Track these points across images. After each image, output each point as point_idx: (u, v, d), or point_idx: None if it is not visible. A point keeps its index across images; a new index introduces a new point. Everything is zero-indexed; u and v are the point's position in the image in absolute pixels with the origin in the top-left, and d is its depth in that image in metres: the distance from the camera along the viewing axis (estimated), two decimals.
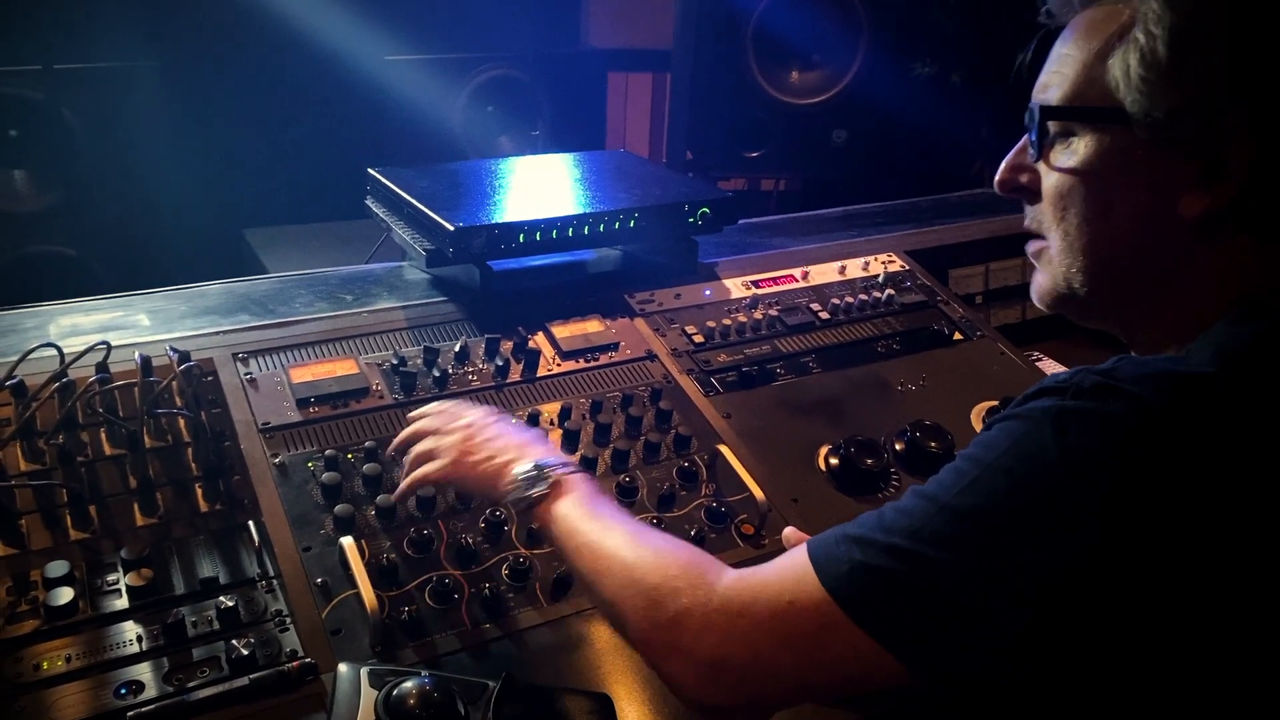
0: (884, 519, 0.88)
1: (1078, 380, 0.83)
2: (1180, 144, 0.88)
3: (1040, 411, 0.83)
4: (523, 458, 1.19)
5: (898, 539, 0.84)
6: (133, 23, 3.19)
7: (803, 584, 0.88)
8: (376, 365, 1.56)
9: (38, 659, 1.12)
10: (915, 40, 3.44)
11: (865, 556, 0.85)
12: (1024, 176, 1.04)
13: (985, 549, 0.81)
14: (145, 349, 1.43)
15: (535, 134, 4.03)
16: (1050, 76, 0.98)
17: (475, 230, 1.63)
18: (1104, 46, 0.92)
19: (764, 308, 1.87)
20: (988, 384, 1.81)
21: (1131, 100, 0.89)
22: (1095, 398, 0.81)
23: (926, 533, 0.83)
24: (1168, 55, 0.86)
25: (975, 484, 0.83)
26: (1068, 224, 0.98)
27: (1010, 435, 0.84)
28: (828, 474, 1.57)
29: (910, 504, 0.87)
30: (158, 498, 1.31)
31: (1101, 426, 0.79)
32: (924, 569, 0.82)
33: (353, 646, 1.19)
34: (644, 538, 1.04)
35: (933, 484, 0.87)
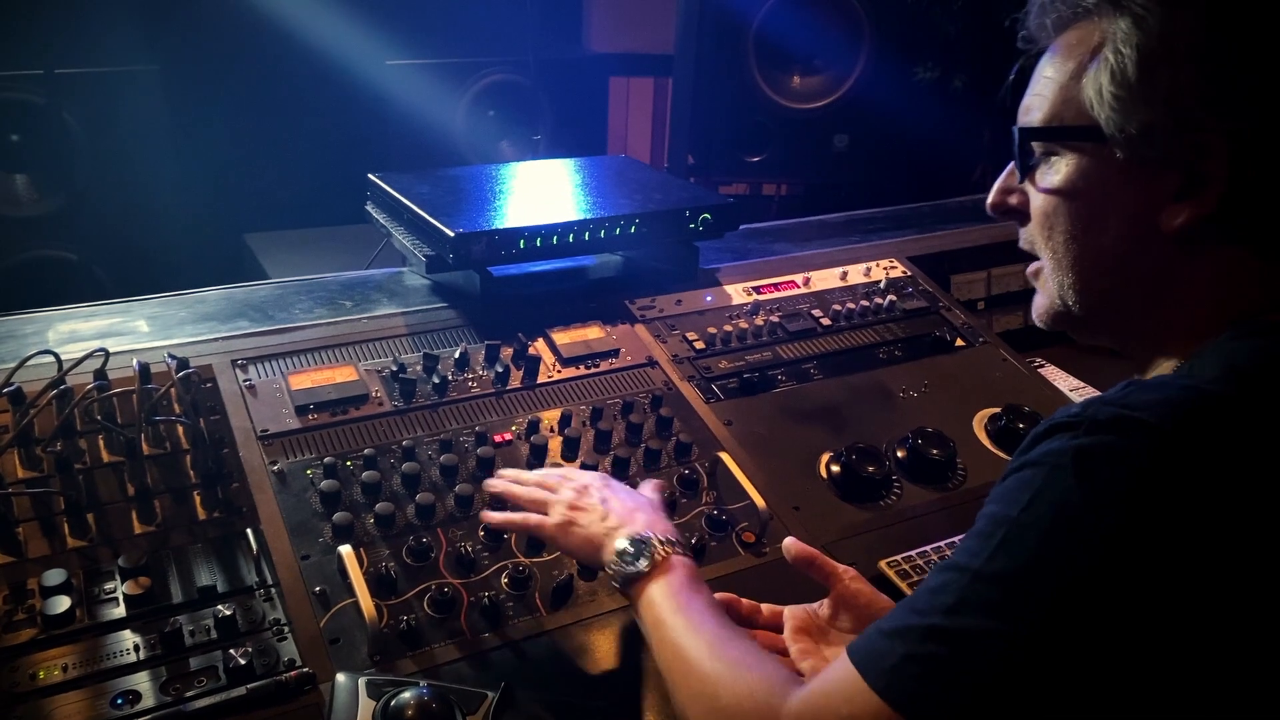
0: (917, 604, 0.84)
1: (1091, 414, 0.80)
2: (1156, 159, 0.89)
3: (1057, 455, 0.80)
4: (626, 528, 1.16)
5: (936, 619, 0.80)
6: (134, 27, 3.20)
7: (854, 693, 0.83)
8: (376, 372, 1.55)
9: (34, 668, 1.12)
10: (917, 45, 3.44)
11: (907, 648, 0.81)
12: (1013, 198, 1.05)
13: (1028, 609, 0.77)
14: (144, 355, 1.42)
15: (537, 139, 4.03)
16: (1031, 99, 0.99)
17: (475, 236, 1.63)
18: (1078, 67, 0.93)
19: (765, 314, 1.87)
20: (990, 391, 1.81)
21: (1106, 118, 0.90)
22: (1113, 432, 0.78)
23: (963, 606, 0.80)
24: (1137, 72, 0.87)
25: (1005, 545, 0.80)
26: (1055, 243, 0.99)
27: (1030, 487, 0.81)
28: (829, 481, 1.57)
29: (941, 580, 0.83)
30: (156, 505, 1.30)
31: (1125, 463, 0.77)
32: (968, 644, 0.78)
33: (351, 656, 1.18)
34: (724, 648, 1.00)
35: (959, 553, 0.84)
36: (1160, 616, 0.75)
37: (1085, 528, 0.77)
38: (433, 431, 1.48)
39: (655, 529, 1.15)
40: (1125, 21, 0.89)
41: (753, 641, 1.04)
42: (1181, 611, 0.75)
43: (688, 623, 1.04)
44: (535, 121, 4.02)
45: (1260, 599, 0.76)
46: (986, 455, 1.67)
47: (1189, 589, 0.75)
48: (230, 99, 3.41)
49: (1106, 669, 0.76)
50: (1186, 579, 0.75)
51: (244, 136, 3.44)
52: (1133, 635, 0.75)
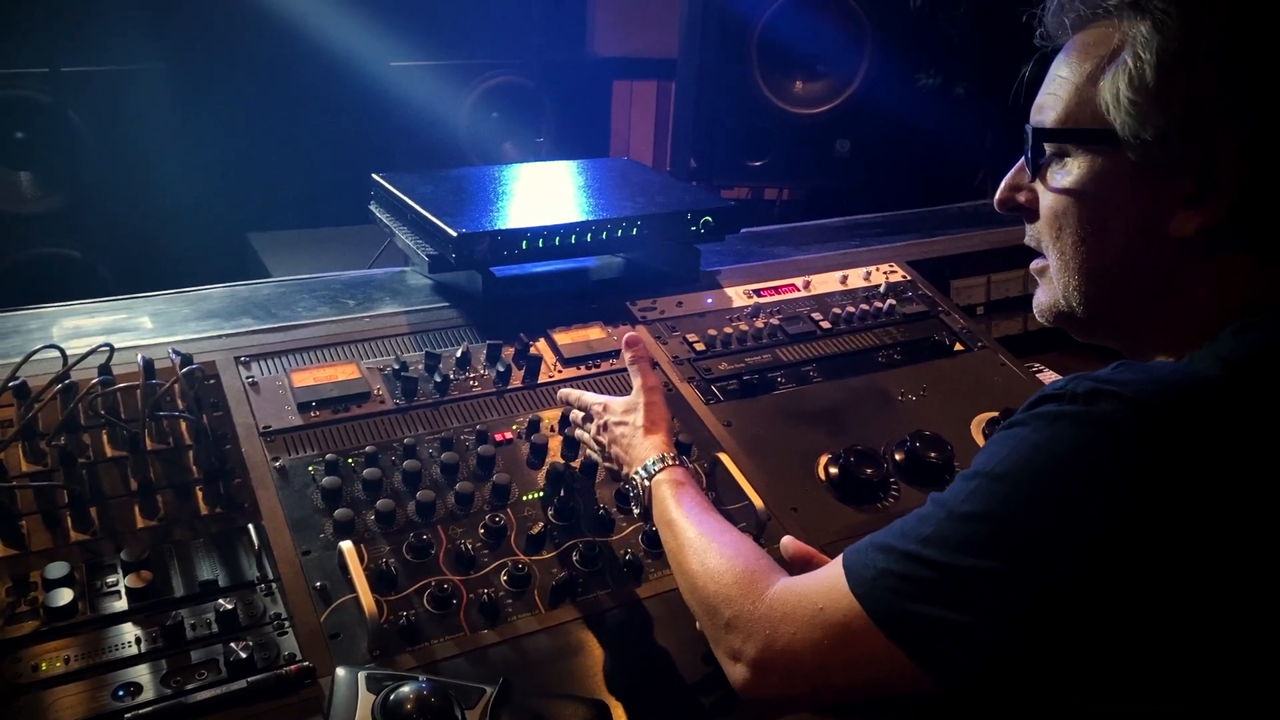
0: (906, 525, 0.92)
1: (1072, 386, 0.85)
2: (1170, 165, 0.89)
3: (1037, 418, 0.86)
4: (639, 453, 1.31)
5: (914, 545, 0.88)
6: (139, 26, 3.20)
7: (835, 590, 0.93)
8: (378, 370, 1.56)
9: (36, 660, 1.13)
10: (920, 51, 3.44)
11: (888, 563, 0.90)
12: (1022, 195, 1.05)
13: (990, 552, 0.83)
14: (148, 351, 1.43)
15: (540, 141, 4.04)
16: (1045, 98, 1.00)
17: (478, 236, 1.64)
18: (1095, 69, 0.93)
19: (765, 316, 1.87)
20: (988, 395, 1.82)
21: (1121, 123, 0.91)
22: (1088, 401, 0.83)
23: (937, 538, 0.87)
24: (1155, 79, 0.88)
25: (978, 490, 0.86)
26: (1063, 244, 1.00)
27: (1009, 441, 0.87)
28: (827, 483, 1.57)
29: (928, 511, 0.91)
30: (158, 500, 1.31)
31: (1094, 427, 0.81)
32: (937, 573, 0.86)
33: (351, 650, 1.19)
34: (711, 542, 1.12)
35: (946, 492, 0.91)
36: (1121, 573, 0.79)
37: (1050, 485, 0.82)
38: (434, 430, 1.49)
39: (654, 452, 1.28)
40: (1146, 25, 0.88)
41: (740, 533, 1.15)
42: (1143, 572, 0.78)
43: (685, 515, 1.18)
44: (538, 124, 4.03)
45: (1221, 569, 0.79)
46: None
47: (1153, 551, 0.78)
48: (235, 98, 3.42)
49: (1053, 616, 0.81)
50: (1150, 541, 0.78)
51: (248, 135, 3.44)
52: (1090, 584, 0.79)
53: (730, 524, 1.17)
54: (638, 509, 1.29)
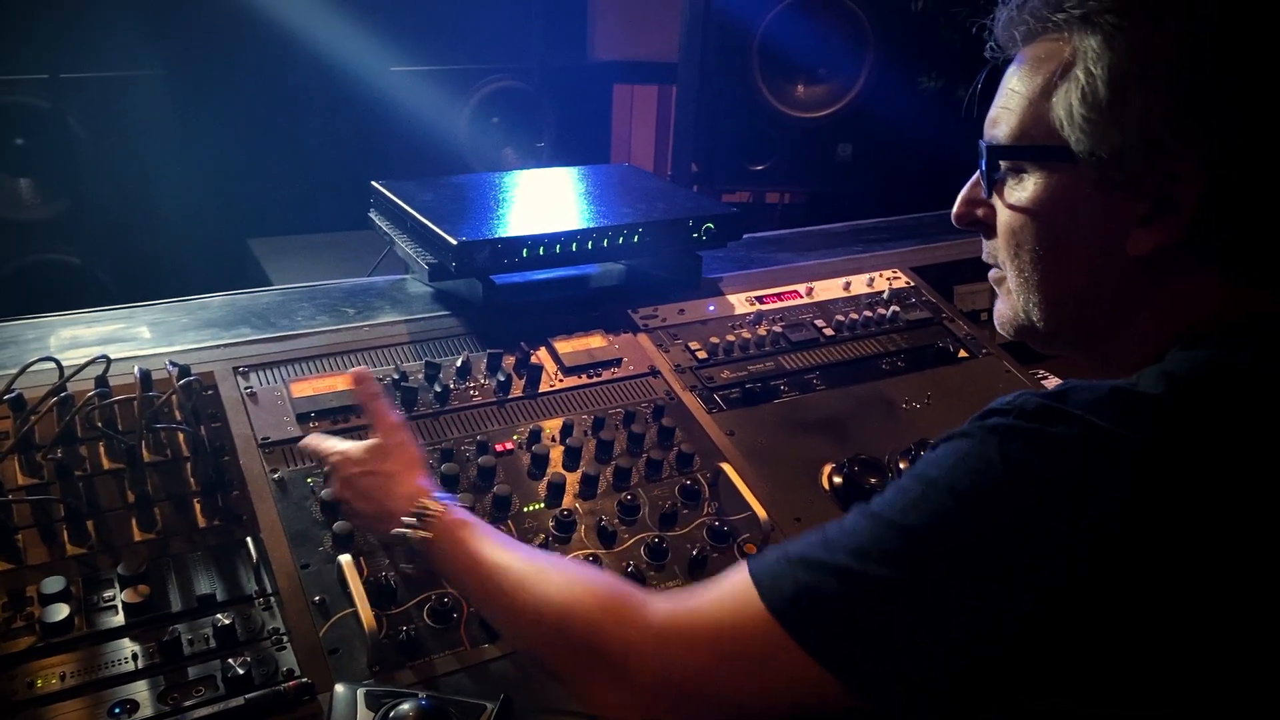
0: (828, 537, 0.87)
1: (1021, 402, 0.82)
2: (1126, 183, 0.88)
3: (986, 430, 0.83)
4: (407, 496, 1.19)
5: (842, 558, 0.83)
6: (138, 32, 3.20)
7: (745, 606, 0.87)
8: (378, 380, 1.55)
9: (32, 676, 1.12)
10: (922, 55, 3.44)
11: (810, 578, 0.84)
12: (980, 210, 1.04)
13: (931, 567, 0.80)
14: (145, 362, 1.42)
15: (540, 146, 4.03)
16: (999, 111, 0.98)
17: (478, 244, 1.62)
18: (1047, 84, 0.92)
19: (768, 324, 1.86)
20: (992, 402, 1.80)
21: (1076, 139, 0.89)
22: (1040, 419, 0.80)
23: (873, 551, 0.82)
24: (1108, 95, 0.86)
25: (922, 501, 0.82)
26: (1021, 260, 0.98)
27: (955, 453, 0.83)
28: (831, 493, 1.56)
29: (856, 522, 0.86)
30: (156, 513, 1.30)
31: (1045, 448, 0.79)
32: (869, 588, 0.81)
33: (350, 666, 1.18)
34: (548, 570, 1.04)
35: (878, 502, 0.86)
36: (1066, 597, 0.76)
37: (999, 502, 0.79)
38: (434, 440, 1.48)
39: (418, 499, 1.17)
40: (1096, 40, 0.87)
41: (573, 559, 1.07)
42: (1086, 596, 0.76)
43: (498, 552, 1.07)
44: (539, 128, 4.03)
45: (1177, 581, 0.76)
46: None
47: (1097, 574, 0.76)
48: (235, 104, 3.42)
49: (992, 636, 0.78)
50: (1093, 565, 0.76)
51: (248, 141, 3.44)
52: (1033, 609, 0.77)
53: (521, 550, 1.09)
54: (412, 567, 1.19)
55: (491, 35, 3.91)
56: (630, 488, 1.48)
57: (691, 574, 1.38)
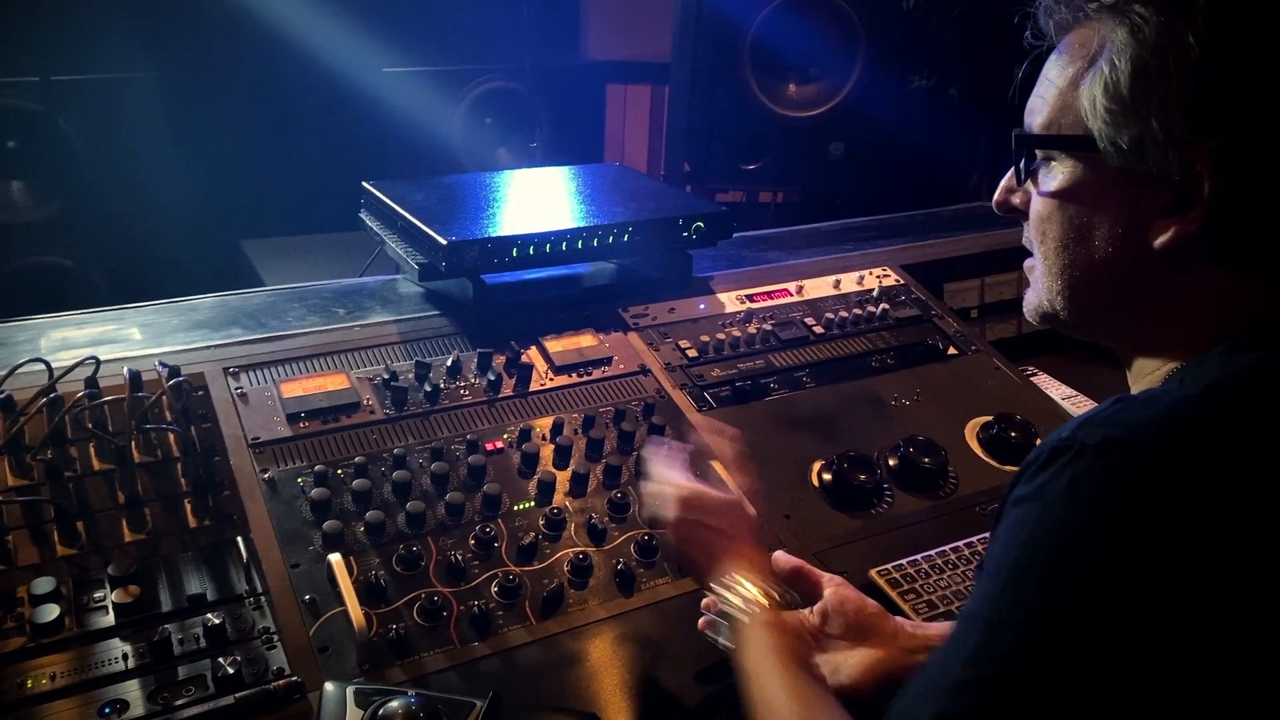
0: (943, 658, 0.83)
1: (1081, 437, 0.80)
2: (1147, 173, 0.88)
3: (1049, 490, 0.80)
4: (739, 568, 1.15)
5: (957, 673, 0.80)
6: (130, 34, 3.20)
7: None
8: (368, 379, 1.55)
9: (23, 676, 1.12)
10: (913, 53, 3.45)
11: (939, 706, 0.80)
12: (1016, 198, 1.05)
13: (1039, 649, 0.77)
14: (135, 363, 1.42)
15: (534, 146, 4.04)
16: (1035, 100, 0.99)
17: (468, 244, 1.63)
18: (1077, 74, 0.93)
19: (758, 322, 1.87)
20: (982, 399, 1.81)
21: (1099, 129, 0.90)
22: (1101, 458, 0.78)
23: (983, 654, 0.79)
24: (1129, 86, 0.87)
25: (1011, 587, 0.79)
26: (1047, 247, 1.00)
27: (1028, 523, 0.81)
28: (820, 490, 1.57)
29: (960, 629, 0.83)
30: (146, 513, 1.30)
31: (1114, 491, 0.77)
32: (994, 689, 0.77)
33: (340, 664, 1.18)
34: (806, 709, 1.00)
35: (974, 600, 0.84)
36: (1164, 640, 0.74)
37: (1082, 563, 0.76)
38: (424, 440, 1.48)
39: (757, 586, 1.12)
40: (1123, 31, 0.88)
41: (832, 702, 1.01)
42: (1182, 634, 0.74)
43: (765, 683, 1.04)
44: (532, 129, 4.03)
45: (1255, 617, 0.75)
46: (978, 464, 1.68)
47: (1188, 611, 0.74)
48: (227, 105, 3.41)
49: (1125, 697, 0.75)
50: (1184, 600, 0.74)
51: (241, 143, 3.44)
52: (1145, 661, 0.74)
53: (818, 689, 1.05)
54: (722, 639, 1.15)
55: (484, 36, 3.91)
56: (620, 485, 1.48)
57: (681, 571, 1.38)
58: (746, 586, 1.12)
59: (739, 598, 1.12)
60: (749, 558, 1.16)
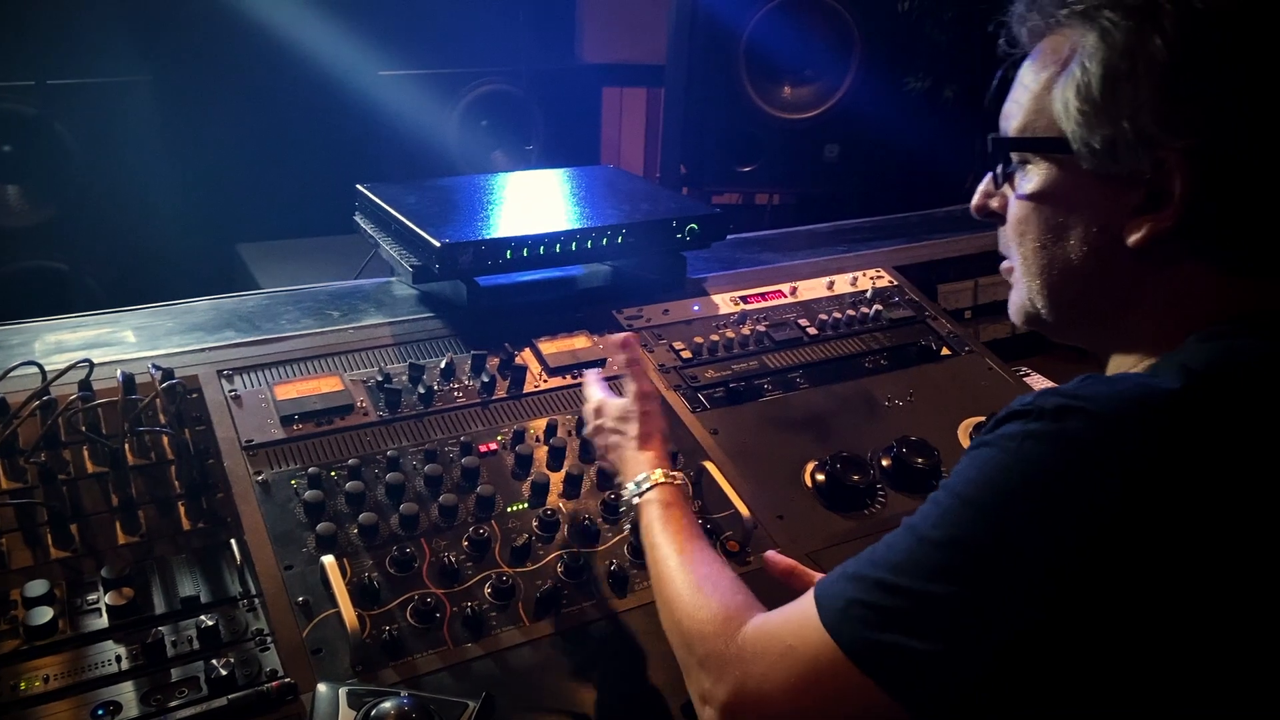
0: (875, 553, 0.89)
1: (1040, 402, 0.84)
2: (1120, 174, 0.90)
3: (1007, 438, 0.84)
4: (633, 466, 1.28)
5: (884, 573, 0.86)
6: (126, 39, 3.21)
7: (807, 625, 0.89)
8: (361, 382, 1.56)
9: (16, 679, 1.12)
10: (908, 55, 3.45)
11: (857, 592, 0.87)
12: (994, 202, 1.07)
13: (962, 578, 0.82)
14: (129, 366, 1.43)
15: (529, 148, 4.04)
16: (1010, 105, 1.01)
17: (462, 246, 1.63)
18: (1050, 78, 0.95)
19: (752, 323, 1.87)
20: (975, 400, 1.81)
21: (1072, 131, 0.92)
22: (1056, 418, 0.82)
23: (908, 565, 0.85)
24: (1101, 88, 0.89)
25: (948, 515, 0.85)
26: (1025, 249, 1.01)
27: (978, 463, 0.86)
28: (814, 490, 1.57)
29: (897, 537, 0.89)
30: (140, 516, 1.30)
31: (1062, 445, 0.81)
32: (907, 601, 0.83)
33: (333, 666, 1.19)
34: (691, 574, 1.09)
35: (916, 515, 0.89)
36: (1091, 593, 0.78)
37: (1024, 509, 0.81)
38: (418, 442, 1.49)
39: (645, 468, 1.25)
40: (1093, 36, 0.90)
41: (723, 564, 1.11)
42: (1112, 590, 0.78)
43: (669, 542, 1.15)
44: (528, 131, 4.04)
45: (1197, 575, 0.78)
46: None
47: (1125, 567, 0.77)
48: (222, 109, 3.42)
49: (1025, 641, 0.80)
50: (1123, 559, 0.77)
51: (236, 146, 3.44)
52: (1061, 606, 0.79)
53: (715, 553, 1.14)
54: (628, 524, 1.26)
55: (480, 39, 3.92)
56: (614, 487, 1.48)
57: None
58: (641, 474, 1.24)
59: (633, 483, 1.24)
60: (645, 449, 1.28)
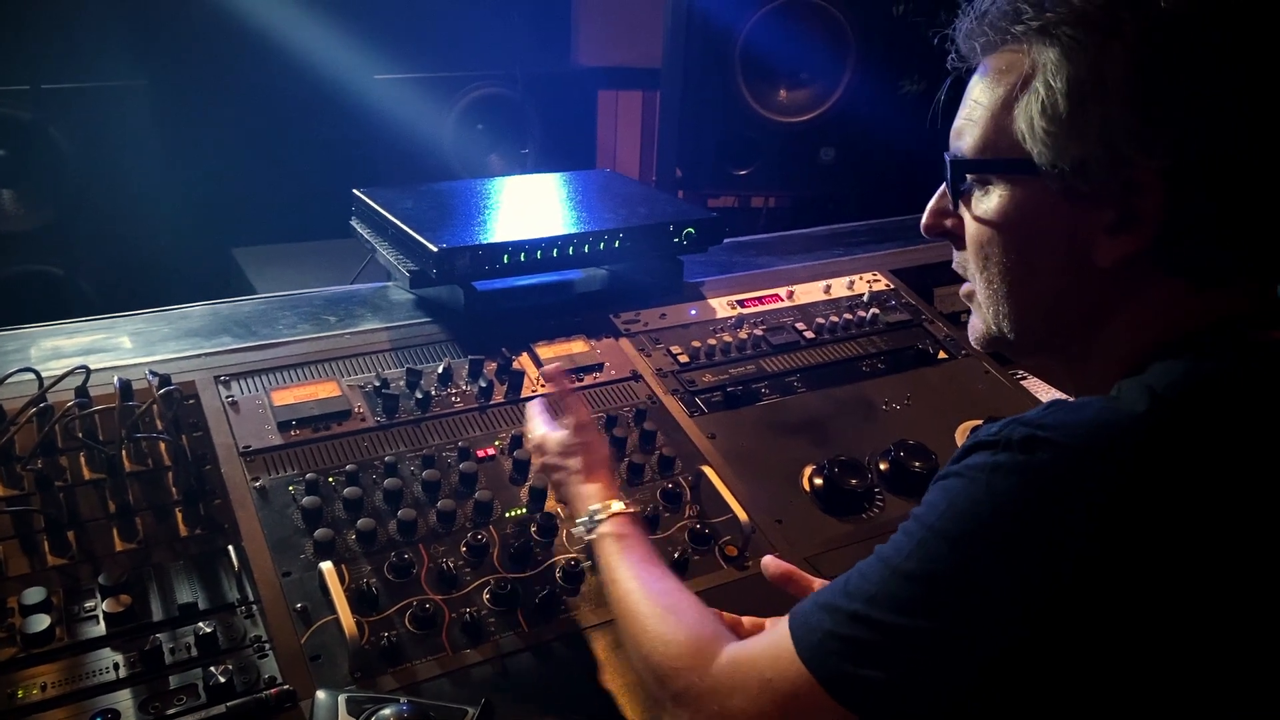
0: (849, 583, 0.88)
1: (1007, 433, 0.82)
2: (1090, 194, 0.88)
3: (974, 469, 0.83)
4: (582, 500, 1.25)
5: (859, 605, 0.85)
6: (121, 43, 3.20)
7: (782, 657, 0.88)
8: (359, 387, 1.55)
9: (13, 687, 1.12)
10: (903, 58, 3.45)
11: (833, 624, 0.86)
12: (948, 221, 1.04)
13: (933, 611, 0.81)
14: (126, 372, 1.42)
15: (525, 152, 4.04)
16: (962, 123, 0.98)
17: (459, 251, 1.63)
18: (1008, 95, 0.91)
19: (749, 327, 1.87)
20: (972, 403, 1.82)
21: (1038, 152, 0.89)
22: (1024, 450, 0.80)
23: (881, 597, 0.84)
24: (1068, 107, 0.86)
25: (920, 547, 0.83)
26: (989, 273, 0.98)
27: (948, 495, 0.84)
28: (812, 494, 1.57)
29: (869, 567, 0.87)
30: (137, 523, 1.30)
31: (1031, 479, 0.79)
32: (879, 634, 0.83)
33: (332, 672, 1.18)
34: (657, 606, 1.07)
35: (889, 545, 0.87)
36: (1061, 624, 0.77)
37: (989, 541, 0.80)
38: (415, 447, 1.49)
39: (594, 500, 1.23)
40: (1054, 52, 0.87)
41: (688, 593, 1.09)
42: (1082, 621, 0.77)
43: (630, 574, 1.13)
44: (524, 135, 4.03)
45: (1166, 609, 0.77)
46: None
47: (1096, 599, 0.77)
48: (218, 113, 3.41)
49: (996, 673, 0.79)
50: (1093, 590, 0.77)
51: (232, 151, 3.43)
52: (1030, 638, 0.78)
53: (677, 581, 1.12)
54: (586, 559, 1.27)
55: (475, 42, 3.92)
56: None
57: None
58: (591, 506, 1.22)
59: (585, 517, 1.22)
60: (591, 480, 1.26)
